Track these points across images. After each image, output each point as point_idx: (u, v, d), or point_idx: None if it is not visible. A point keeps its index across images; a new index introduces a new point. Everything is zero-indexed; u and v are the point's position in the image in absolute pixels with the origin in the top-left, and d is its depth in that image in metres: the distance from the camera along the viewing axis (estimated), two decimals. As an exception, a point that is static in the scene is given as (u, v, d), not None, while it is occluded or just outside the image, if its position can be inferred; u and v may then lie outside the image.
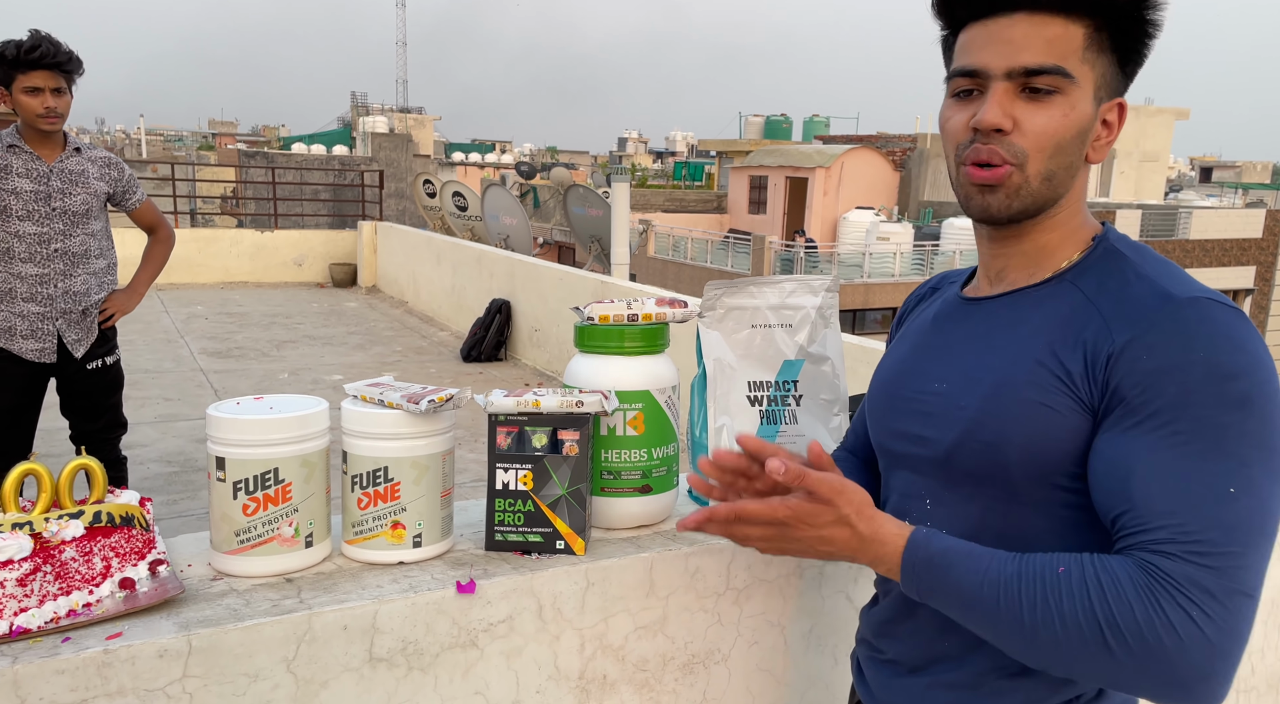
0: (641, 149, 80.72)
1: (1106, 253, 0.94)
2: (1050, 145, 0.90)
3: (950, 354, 1.00)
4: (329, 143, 36.87)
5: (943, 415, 0.97)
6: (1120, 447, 0.83)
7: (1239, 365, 0.81)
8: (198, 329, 8.40)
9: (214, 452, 1.09)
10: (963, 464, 0.95)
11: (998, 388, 0.91)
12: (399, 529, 1.14)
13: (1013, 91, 0.90)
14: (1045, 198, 0.93)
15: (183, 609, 1.01)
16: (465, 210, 14.24)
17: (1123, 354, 0.84)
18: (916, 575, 0.88)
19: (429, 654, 1.09)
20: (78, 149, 3.12)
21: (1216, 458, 0.79)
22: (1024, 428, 0.89)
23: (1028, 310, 0.94)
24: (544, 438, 1.20)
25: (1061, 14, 0.89)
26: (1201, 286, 0.86)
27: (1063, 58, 0.89)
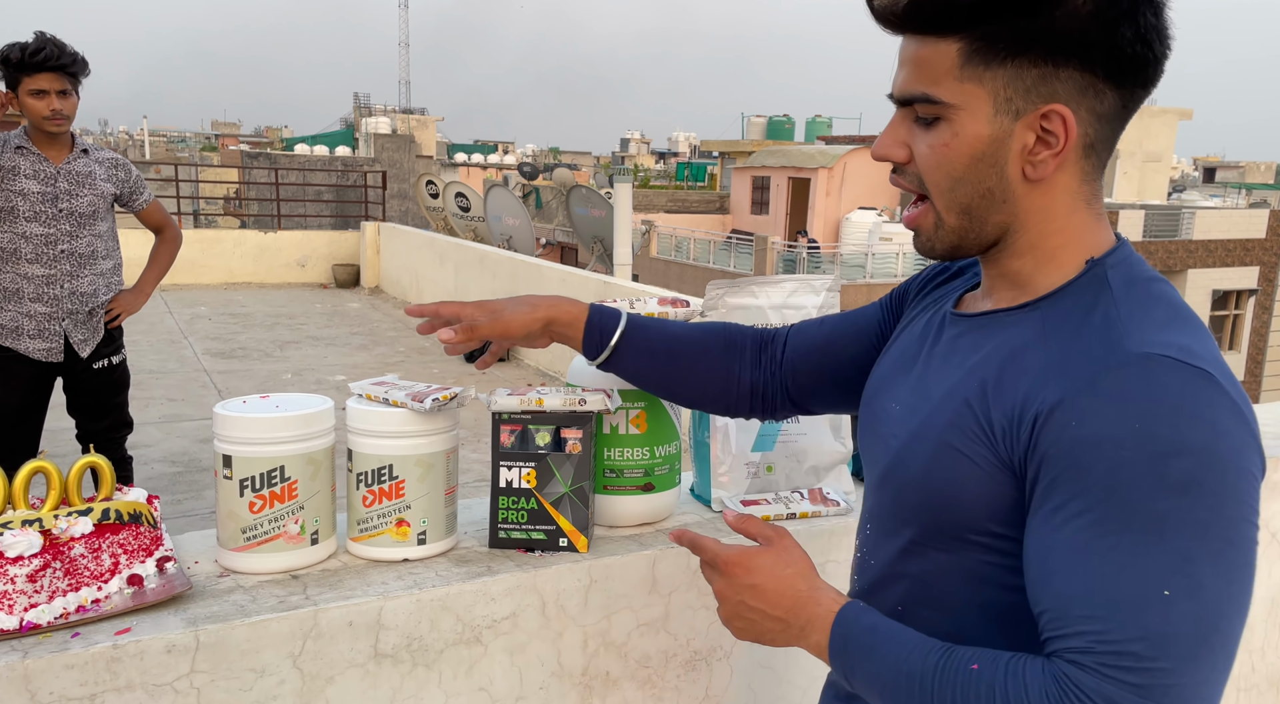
0: (644, 150, 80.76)
1: (1091, 281, 0.80)
2: (940, 176, 0.81)
3: (911, 373, 0.91)
4: (332, 144, 36.93)
5: (887, 438, 0.90)
6: (1046, 536, 0.72)
7: (1185, 440, 0.67)
8: (201, 330, 8.42)
9: (221, 450, 1.10)
10: (885, 497, 0.89)
11: (925, 423, 0.83)
12: (403, 527, 1.15)
13: (910, 117, 0.83)
14: (971, 232, 0.83)
15: (190, 605, 1.02)
16: (468, 211, 14.26)
17: (1051, 416, 0.72)
18: (839, 653, 0.81)
19: (433, 650, 1.10)
20: (85, 150, 3.13)
21: (1149, 552, 0.67)
22: (935, 472, 0.81)
23: (989, 338, 0.83)
24: (547, 436, 1.21)
25: (931, 35, 0.79)
26: (1175, 340, 0.72)
27: (933, 81, 0.79)
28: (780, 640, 0.86)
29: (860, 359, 1.07)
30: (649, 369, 1.15)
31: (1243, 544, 0.69)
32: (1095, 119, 0.78)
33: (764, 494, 1.44)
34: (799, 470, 1.48)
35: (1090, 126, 0.78)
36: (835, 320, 1.13)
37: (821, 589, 0.85)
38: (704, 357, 1.14)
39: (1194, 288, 22.14)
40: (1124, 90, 0.78)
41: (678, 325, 1.18)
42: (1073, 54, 0.75)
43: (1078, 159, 0.80)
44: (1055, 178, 0.80)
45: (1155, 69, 0.78)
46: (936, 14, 0.77)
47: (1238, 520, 0.69)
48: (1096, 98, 0.77)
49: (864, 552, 0.94)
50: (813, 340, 1.12)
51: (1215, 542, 0.67)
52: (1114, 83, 0.77)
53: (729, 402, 1.15)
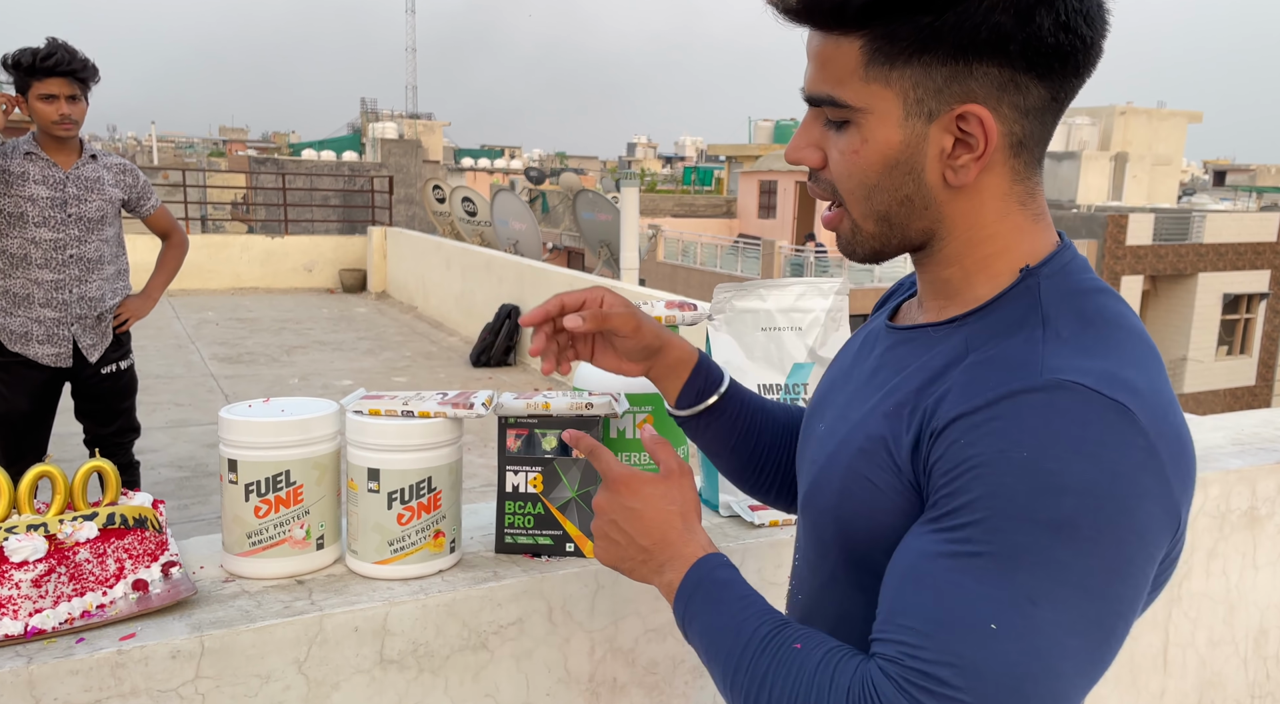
0: (650, 154, 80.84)
1: (1023, 293, 0.74)
2: (853, 184, 0.75)
3: (842, 390, 0.85)
4: (339, 149, 37.06)
5: (806, 464, 0.85)
6: (909, 539, 0.69)
7: (1071, 479, 0.62)
8: (208, 334, 8.45)
9: (226, 454, 1.09)
10: (806, 527, 0.84)
11: (838, 448, 0.78)
12: (440, 538, 1.14)
13: (822, 118, 0.76)
14: (891, 238, 0.77)
15: (195, 610, 1.02)
16: (474, 216, 14.29)
17: (944, 433, 0.67)
18: (685, 597, 0.78)
19: (439, 656, 1.09)
20: (94, 156, 3.15)
21: (994, 582, 0.62)
22: (847, 503, 0.76)
23: (914, 355, 0.78)
24: (554, 440, 1.20)
25: (831, 31, 0.72)
26: (1098, 366, 0.65)
27: (838, 82, 0.72)
28: (637, 572, 0.84)
29: None
30: (738, 433, 1.03)
31: (1110, 598, 0.63)
32: (1020, 115, 0.71)
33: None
34: (807, 475, 1.47)
35: (1016, 123, 0.71)
36: None
37: (696, 532, 0.82)
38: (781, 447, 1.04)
39: (1205, 291, 22.04)
40: (1051, 82, 0.70)
41: (770, 406, 1.07)
42: (984, 49, 0.68)
43: (1006, 159, 0.73)
44: (981, 181, 0.73)
45: (1087, 54, 0.70)
46: (831, 9, 0.70)
47: (1110, 574, 0.62)
48: (1019, 93, 0.70)
49: (793, 584, 0.90)
50: None
51: (1072, 589, 0.62)
52: (1038, 75, 0.69)
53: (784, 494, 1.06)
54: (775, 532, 1.34)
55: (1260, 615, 1.83)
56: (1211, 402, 21.43)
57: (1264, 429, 1.98)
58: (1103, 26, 0.70)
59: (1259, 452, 1.81)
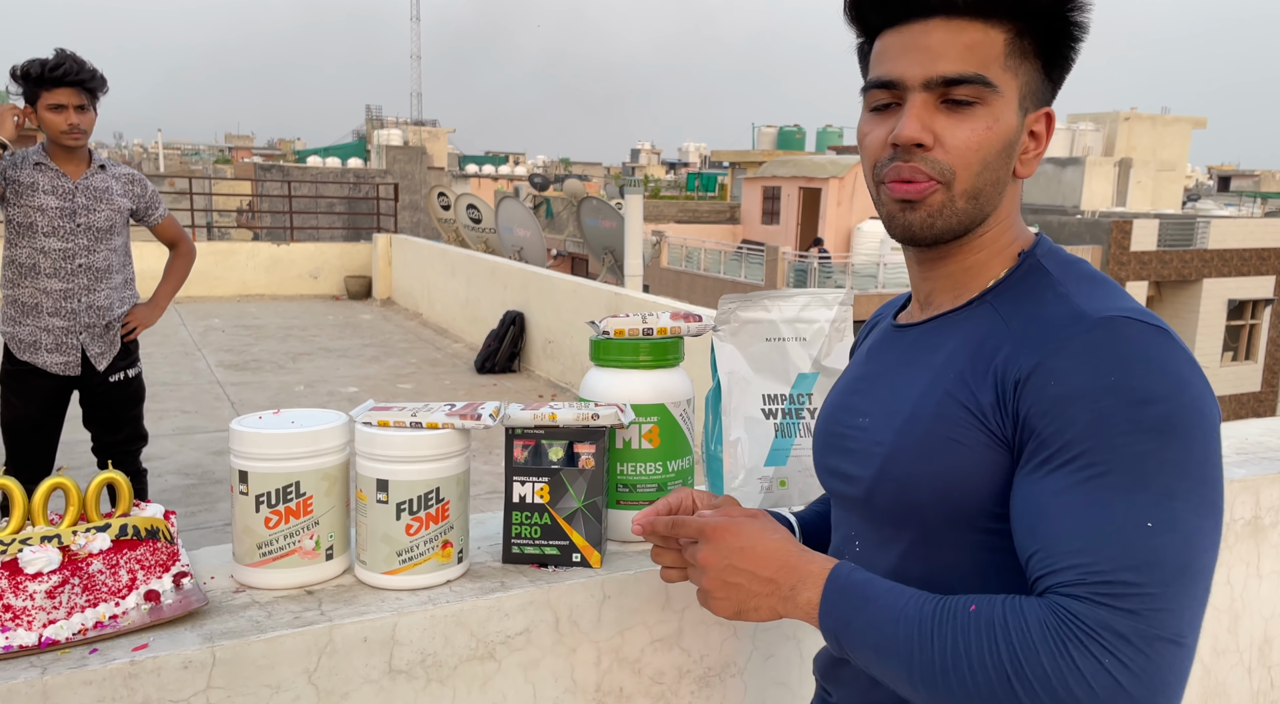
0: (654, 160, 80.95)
1: (1030, 270, 0.86)
2: (976, 160, 0.83)
3: (875, 386, 0.93)
4: (344, 156, 37.18)
5: (864, 452, 0.90)
6: (1033, 486, 0.76)
7: (1156, 389, 0.73)
8: (215, 342, 8.48)
9: (237, 465, 1.10)
10: (880, 504, 0.89)
11: (909, 422, 0.85)
12: (448, 548, 1.15)
13: (932, 103, 0.83)
14: (971, 217, 0.86)
15: (206, 621, 1.03)
16: (479, 222, 14.32)
17: (1029, 380, 0.76)
18: (832, 606, 0.81)
19: (448, 666, 1.10)
20: (102, 166, 3.17)
21: (1132, 490, 0.71)
22: (933, 465, 0.82)
23: (947, 336, 0.87)
24: (560, 451, 1.21)
25: (980, 18, 0.81)
26: (1126, 304, 0.78)
27: (983, 65, 0.81)
28: (765, 606, 0.85)
29: None
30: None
31: (1212, 483, 0.73)
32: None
33: (778, 508, 1.44)
34: (812, 485, 1.47)
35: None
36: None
37: (811, 552, 0.85)
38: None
39: (1210, 297, 22.00)
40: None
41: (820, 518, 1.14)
42: (1064, 67, 0.85)
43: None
44: (1018, 182, 0.88)
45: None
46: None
47: (1205, 461, 0.73)
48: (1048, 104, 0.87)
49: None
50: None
51: (1189, 480, 0.72)
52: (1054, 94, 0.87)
53: None
54: (780, 542, 1.35)
55: (1264, 625, 1.83)
56: (1217, 407, 21.33)
57: (1268, 438, 1.99)
58: None
59: (1262, 461, 1.82)
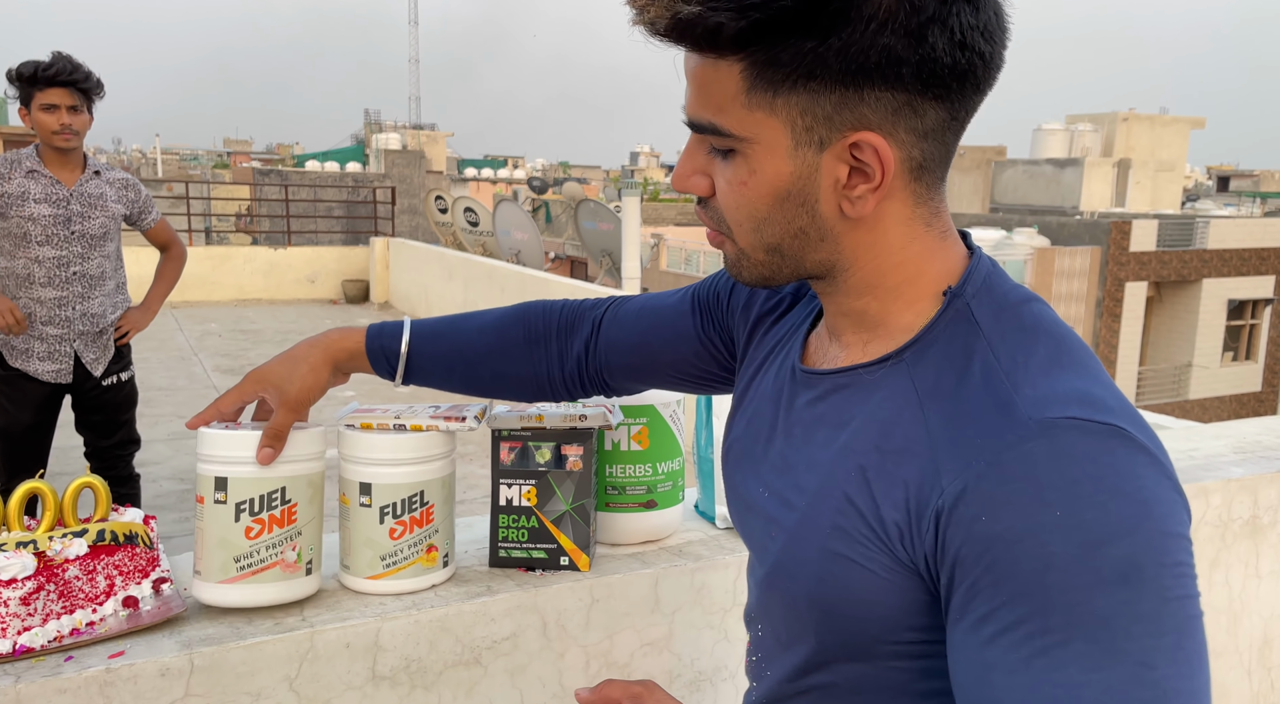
0: (654, 163, 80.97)
1: (955, 319, 0.69)
2: (741, 216, 0.69)
3: (771, 445, 0.77)
4: (342, 160, 37.19)
5: (760, 535, 0.77)
6: (971, 653, 0.60)
7: (1115, 523, 0.57)
8: (212, 346, 8.47)
9: (211, 472, 1.03)
10: (773, 605, 0.76)
11: (801, 527, 0.70)
12: (433, 552, 1.13)
13: (706, 145, 0.70)
14: (786, 268, 0.71)
15: (185, 627, 1.01)
16: (477, 226, 14.32)
17: (954, 511, 0.61)
18: None
19: (432, 672, 1.09)
20: (97, 171, 3.15)
21: (1101, 665, 0.56)
22: (828, 588, 0.68)
23: (854, 405, 0.71)
24: (548, 453, 1.20)
25: (707, 50, 0.64)
26: (1070, 387, 0.62)
27: (719, 109, 0.66)
28: None
29: (680, 364, 0.98)
30: (450, 379, 1.08)
31: (1193, 629, 0.59)
32: (919, 139, 0.66)
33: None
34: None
35: (914, 147, 0.66)
36: (649, 320, 1.01)
37: None
38: (505, 358, 1.05)
39: (1209, 297, 21.99)
40: (950, 102, 0.65)
41: (471, 324, 1.08)
42: (875, 74, 0.62)
43: (906, 184, 0.68)
44: (882, 209, 0.68)
45: (987, 70, 0.65)
46: (704, 32, 0.63)
47: (1183, 600, 0.58)
48: (916, 116, 0.65)
49: (757, 656, 0.81)
50: (628, 339, 1.01)
51: (1168, 635, 0.57)
52: (935, 97, 0.64)
53: (540, 395, 1.08)
54: (772, 544, 1.33)
55: (1264, 625, 1.81)
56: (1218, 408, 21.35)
57: (1265, 437, 1.97)
58: (1003, 37, 0.65)
59: (1260, 460, 1.80)
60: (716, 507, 1.42)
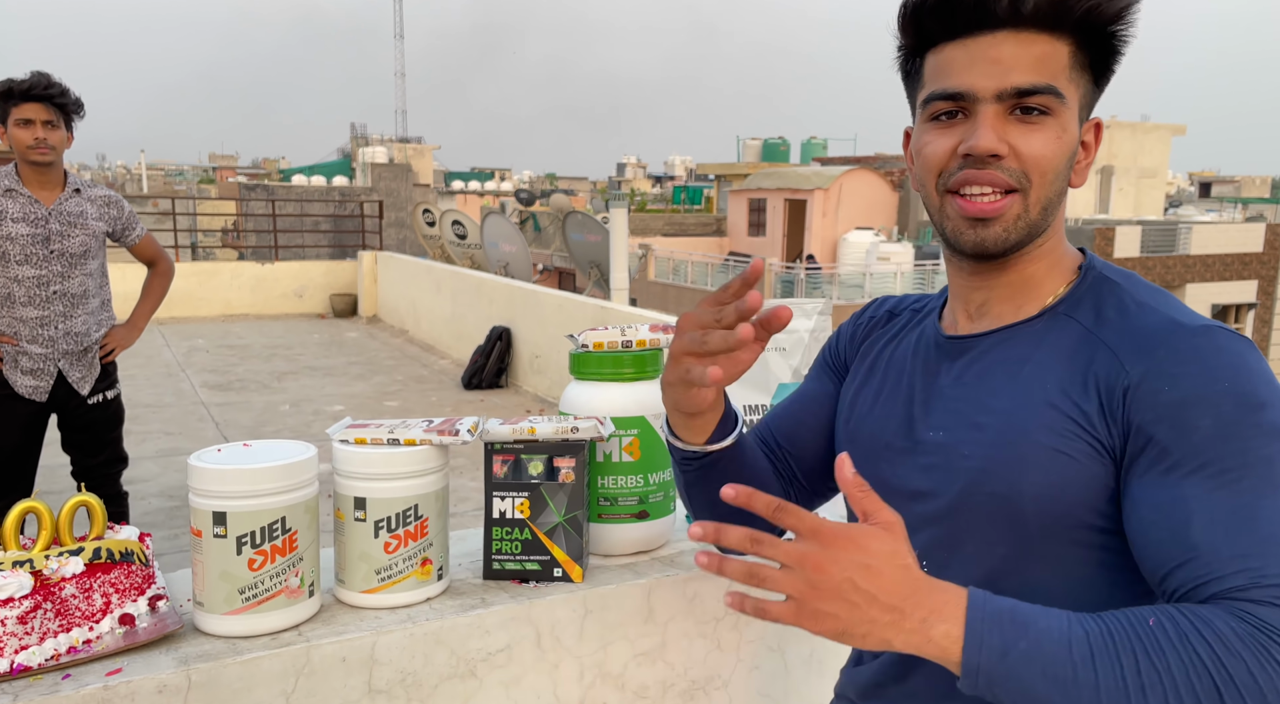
0: (640, 174, 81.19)
1: (1096, 282, 0.89)
2: (1050, 169, 0.85)
3: (942, 398, 0.92)
4: (329, 174, 37.14)
5: (944, 467, 0.89)
6: (1165, 492, 0.76)
7: (1265, 394, 0.76)
8: (199, 362, 8.43)
9: (208, 507, 1.02)
10: (969, 520, 0.87)
11: (1006, 434, 0.84)
12: (427, 566, 1.13)
13: (1003, 114, 0.84)
14: (1038, 227, 0.87)
15: (181, 644, 1.02)
16: (464, 238, 14.32)
17: (1140, 386, 0.78)
18: (982, 638, 0.70)
19: (428, 685, 1.09)
20: (77, 189, 3.14)
21: (1272, 493, 0.73)
22: (1039, 477, 0.82)
23: (1026, 348, 0.88)
24: (540, 465, 1.21)
25: (1047, 31, 0.84)
26: (1202, 315, 0.83)
27: (1053, 77, 0.84)
28: (877, 634, 0.71)
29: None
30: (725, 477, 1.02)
31: None
32: None
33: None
34: (794, 495, 1.47)
35: None
36: (794, 413, 1.11)
37: (935, 579, 0.74)
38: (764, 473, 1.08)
39: (1193, 302, 22.18)
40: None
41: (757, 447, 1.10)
42: (1112, 74, 0.89)
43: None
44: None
45: None
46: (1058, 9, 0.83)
47: None
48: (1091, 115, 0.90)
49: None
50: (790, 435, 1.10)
51: None
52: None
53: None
54: (763, 553, 1.35)
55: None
56: (1203, 411, 21.48)
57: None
58: None
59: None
60: (708, 516, 1.43)
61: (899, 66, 0.94)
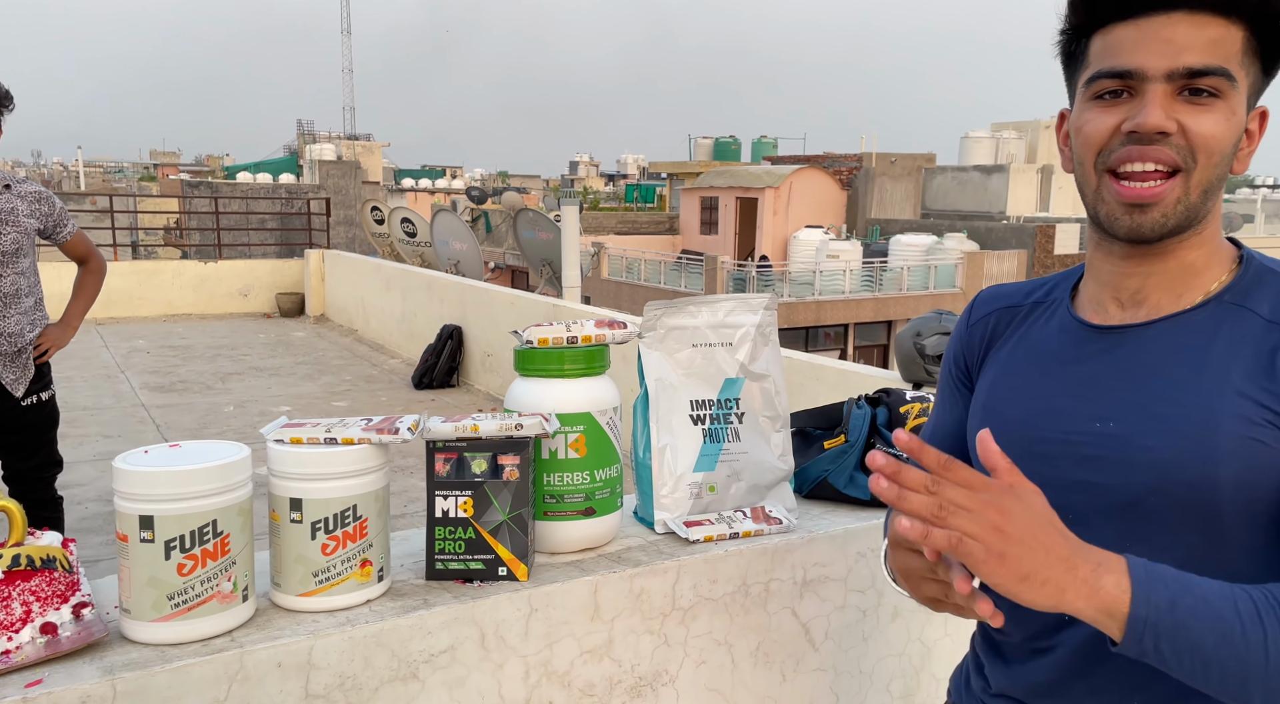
0: (593, 172, 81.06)
1: (1262, 272, 0.89)
2: (1217, 150, 0.84)
3: (1107, 388, 0.89)
4: (275, 171, 36.42)
5: (1120, 459, 0.87)
6: None
7: None
8: (139, 363, 8.19)
9: (134, 510, 0.99)
10: (1156, 511, 0.85)
11: (1196, 424, 0.83)
12: (367, 567, 1.11)
13: (1171, 94, 0.84)
14: (1199, 211, 0.86)
15: (108, 652, 0.98)
16: (414, 236, 14.15)
17: None
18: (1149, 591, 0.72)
19: (368, 689, 1.07)
20: (7, 185, 3.03)
21: None
22: (1236, 466, 0.81)
23: (1202, 337, 0.87)
24: (484, 463, 1.19)
25: (1222, 14, 0.83)
26: None
27: (1226, 60, 0.83)
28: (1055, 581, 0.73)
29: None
30: None
31: None
32: None
33: (707, 514, 1.44)
34: (741, 489, 1.48)
35: None
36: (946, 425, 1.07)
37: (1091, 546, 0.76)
38: None
39: (1129, 297, 22.79)
40: None
41: None
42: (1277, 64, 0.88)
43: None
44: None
45: None
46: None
47: None
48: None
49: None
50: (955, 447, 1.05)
51: None
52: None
53: None
54: (710, 547, 1.34)
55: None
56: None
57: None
58: None
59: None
60: (655, 512, 1.42)
61: (1060, 49, 0.93)
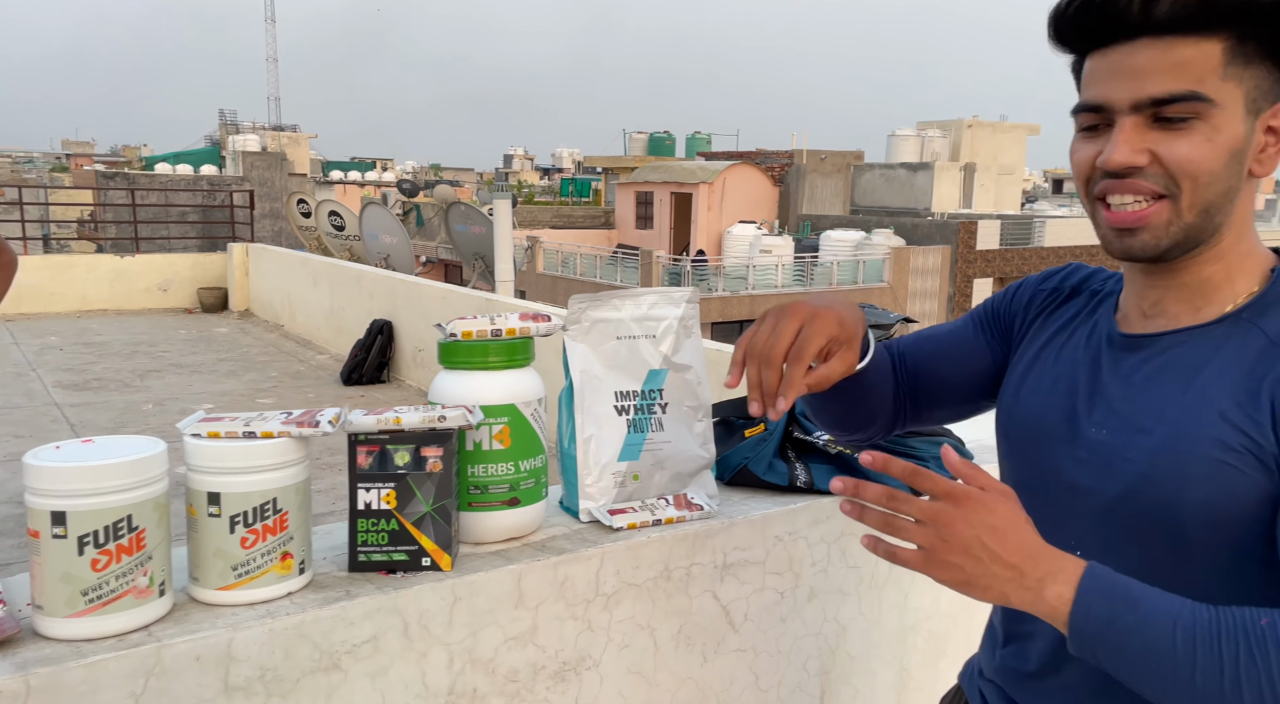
0: (528, 166, 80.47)
1: None
2: (1202, 173, 0.82)
3: (1110, 396, 0.91)
4: (196, 162, 35.22)
5: (1102, 465, 0.88)
6: None
7: None
8: (52, 361, 7.88)
9: (46, 506, 0.97)
10: (1128, 521, 0.86)
11: (1173, 443, 0.83)
12: (288, 559, 1.11)
13: (1143, 123, 0.83)
14: (1201, 230, 0.84)
15: (20, 649, 0.97)
16: (342, 230, 13.87)
17: None
18: (1091, 605, 0.75)
19: (289, 680, 1.07)
20: None
21: None
22: (1204, 488, 0.81)
23: (1203, 354, 0.85)
24: (407, 455, 1.20)
25: (1190, 34, 0.81)
26: None
27: (1197, 81, 0.81)
28: (997, 588, 0.77)
29: (974, 382, 1.11)
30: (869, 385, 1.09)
31: None
32: None
33: (631, 502, 1.47)
34: (664, 477, 1.51)
35: None
36: (937, 344, 1.14)
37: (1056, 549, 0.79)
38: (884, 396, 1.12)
39: (1048, 292, 23.66)
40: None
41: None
42: None
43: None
44: (1250, 185, 0.86)
45: None
46: (1203, 10, 0.80)
47: None
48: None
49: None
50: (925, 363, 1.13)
51: None
52: None
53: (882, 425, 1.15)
54: (634, 534, 1.38)
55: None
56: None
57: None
58: None
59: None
60: (580, 501, 1.45)
61: (1071, 72, 0.93)
